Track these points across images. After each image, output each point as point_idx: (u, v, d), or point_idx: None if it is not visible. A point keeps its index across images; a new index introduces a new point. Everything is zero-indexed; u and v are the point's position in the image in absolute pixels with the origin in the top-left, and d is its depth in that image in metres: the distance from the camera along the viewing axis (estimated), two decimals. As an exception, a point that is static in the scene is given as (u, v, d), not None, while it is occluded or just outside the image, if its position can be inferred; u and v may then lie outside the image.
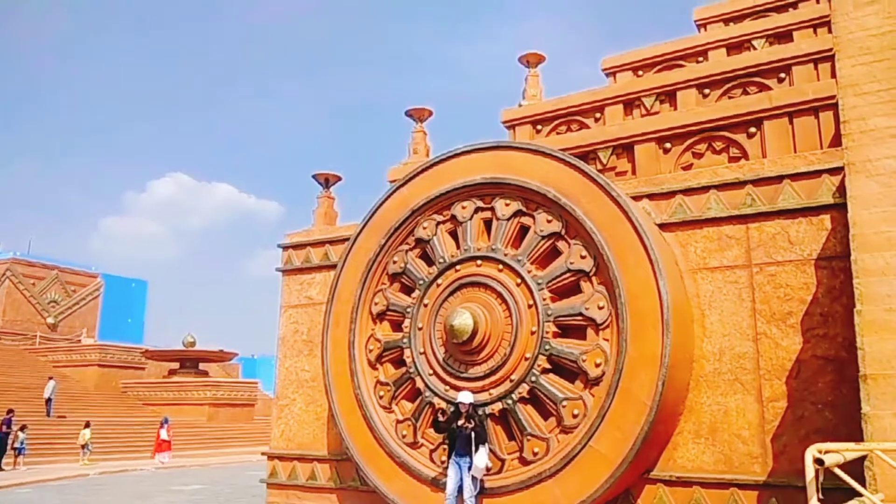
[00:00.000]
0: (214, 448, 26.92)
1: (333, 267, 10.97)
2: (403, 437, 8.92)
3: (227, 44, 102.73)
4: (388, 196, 9.90)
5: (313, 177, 12.69)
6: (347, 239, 10.69)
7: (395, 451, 8.81)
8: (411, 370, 9.03)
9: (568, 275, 8.03)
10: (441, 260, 9.09)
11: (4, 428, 18.61)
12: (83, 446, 21.46)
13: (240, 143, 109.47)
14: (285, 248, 12.07)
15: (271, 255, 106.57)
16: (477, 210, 8.99)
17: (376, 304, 9.69)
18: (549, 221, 8.26)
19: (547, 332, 7.95)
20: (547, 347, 7.90)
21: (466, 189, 9.02)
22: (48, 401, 26.36)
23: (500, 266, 8.50)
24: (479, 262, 8.72)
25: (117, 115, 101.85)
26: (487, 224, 8.96)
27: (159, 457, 21.82)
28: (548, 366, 7.94)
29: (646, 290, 7.35)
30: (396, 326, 9.55)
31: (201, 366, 35.26)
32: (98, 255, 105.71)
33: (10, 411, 20.15)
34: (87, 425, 22.38)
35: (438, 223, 9.32)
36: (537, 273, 8.25)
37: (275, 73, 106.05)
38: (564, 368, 7.90)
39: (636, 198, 8.27)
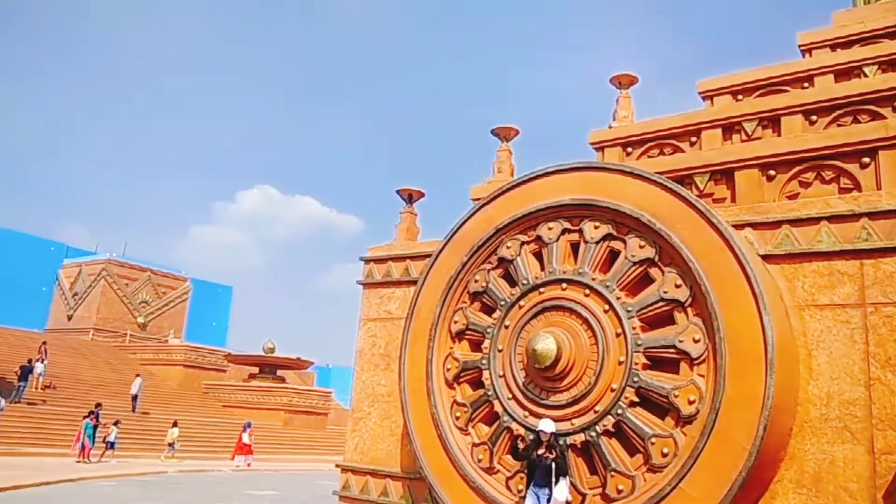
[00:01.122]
0: (288, 454, 27.40)
1: (414, 282, 10.93)
2: (479, 461, 8.69)
3: (316, 61, 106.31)
4: (472, 214, 9.77)
5: (397, 192, 12.73)
6: (429, 255, 10.62)
7: (469, 475, 8.59)
8: (489, 393, 8.80)
9: (661, 304, 7.64)
10: (524, 281, 8.86)
11: (94, 420, 19.50)
12: (170, 444, 22.31)
13: (325, 159, 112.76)
14: (367, 261, 12.13)
15: (349, 269, 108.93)
16: (564, 231, 8.72)
17: (456, 322, 9.54)
18: (641, 247, 7.90)
19: (636, 364, 7.57)
20: (636, 379, 7.51)
21: (554, 209, 8.77)
22: (134, 397, 27.56)
23: (587, 291, 8.19)
24: (564, 285, 8.44)
25: (211, 128, 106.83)
26: (574, 247, 8.67)
27: (239, 459, 22.41)
28: (636, 399, 7.55)
29: (747, 325, 6.88)
30: (475, 346, 9.37)
31: (279, 372, 36.09)
32: (187, 261, 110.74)
33: (98, 405, 21.13)
34: (175, 424, 23.28)
35: (523, 243, 9.10)
36: (627, 300, 7.89)
37: (360, 93, 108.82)
38: (654, 403, 7.49)
39: (737, 226, 7.79)
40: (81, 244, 52.70)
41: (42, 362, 26.93)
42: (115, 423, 20.74)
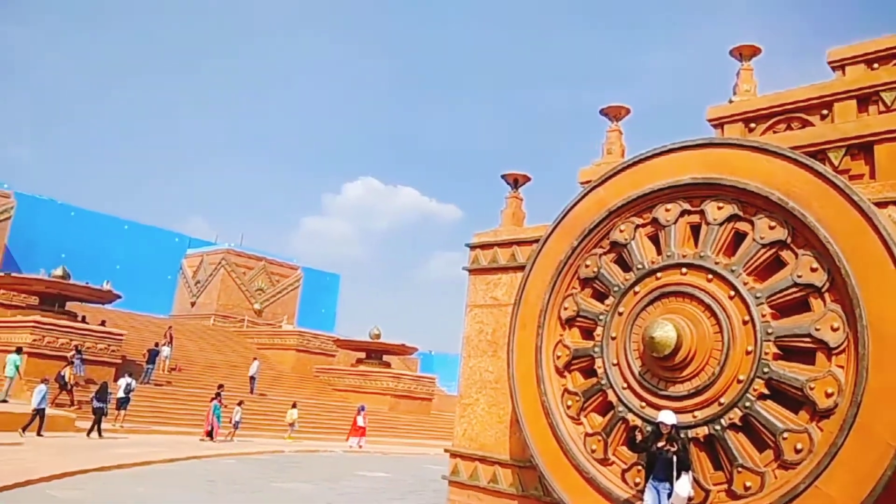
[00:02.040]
0: (393, 437, 27.98)
1: (521, 268, 10.73)
2: (592, 451, 8.42)
3: (417, 54, 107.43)
4: (583, 196, 9.44)
5: (502, 177, 12.54)
6: (536, 240, 10.39)
7: (583, 466, 8.34)
8: (602, 382, 8.50)
9: (794, 289, 7.06)
10: (639, 266, 8.46)
11: (218, 400, 20.66)
12: (290, 424, 23.42)
13: (426, 149, 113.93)
14: (472, 247, 12.05)
15: (448, 258, 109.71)
16: (683, 213, 8.24)
17: (565, 308, 9.27)
18: (771, 228, 7.33)
19: (766, 353, 7.04)
20: (766, 370, 7.00)
21: (672, 190, 8.30)
22: (252, 379, 28.98)
23: (710, 275, 7.71)
24: (684, 269, 7.98)
25: (319, 122, 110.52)
26: (695, 229, 8.18)
27: (353, 440, 23.23)
28: (765, 391, 7.04)
29: (894, 312, 6.23)
30: (587, 334, 9.07)
31: (385, 358, 36.90)
32: (298, 251, 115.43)
33: (221, 386, 22.34)
34: (294, 405, 24.40)
35: (637, 226, 8.70)
36: (755, 286, 7.35)
37: (461, 82, 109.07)
38: (786, 396, 6.96)
39: (880, 204, 7.08)
40: (202, 235, 56.06)
41: (169, 346, 28.86)
42: (239, 404, 21.93)
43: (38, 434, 16.41)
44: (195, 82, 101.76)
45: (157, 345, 27.61)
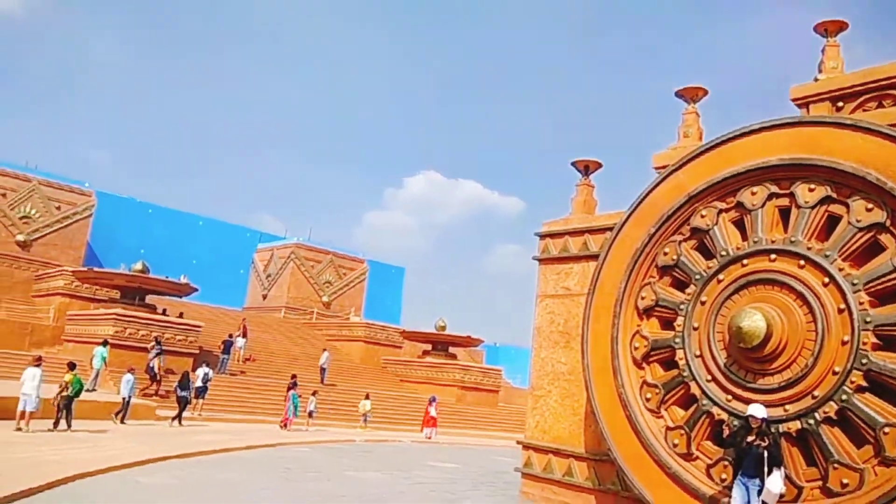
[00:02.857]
0: (461, 428, 28.00)
1: (593, 257, 10.48)
2: (675, 446, 8.14)
3: (475, 45, 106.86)
4: (659, 182, 9.11)
5: (572, 164, 12.27)
6: (609, 228, 10.11)
7: (664, 461, 8.07)
8: (685, 374, 8.20)
9: (894, 275, 6.60)
10: (723, 253, 8.11)
11: (292, 391, 21.13)
12: (363, 415, 23.79)
13: (487, 142, 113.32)
14: (542, 236, 11.84)
15: (511, 250, 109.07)
16: (770, 196, 7.85)
17: (643, 298, 8.98)
18: (868, 210, 6.88)
19: (864, 344, 6.63)
20: (864, 361, 6.58)
21: (757, 172, 7.91)
22: (322, 369, 29.53)
23: (802, 262, 7.30)
24: (772, 256, 7.60)
25: (380, 118, 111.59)
26: (783, 213, 7.78)
27: (427, 430, 23.40)
28: (863, 383, 6.63)
29: None
30: (666, 324, 8.77)
31: (450, 349, 36.97)
32: (362, 244, 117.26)
33: (294, 376, 22.83)
34: (367, 397, 24.77)
35: (720, 211, 8.33)
36: (851, 272, 6.92)
37: (523, 71, 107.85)
38: (886, 388, 6.53)
39: None
40: (272, 230, 57.51)
41: (243, 337, 29.72)
42: (313, 394, 22.39)
43: (122, 422, 17.14)
44: (261, 84, 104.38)
45: (231, 336, 28.44)
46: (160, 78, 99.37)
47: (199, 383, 20.31)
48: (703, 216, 8.41)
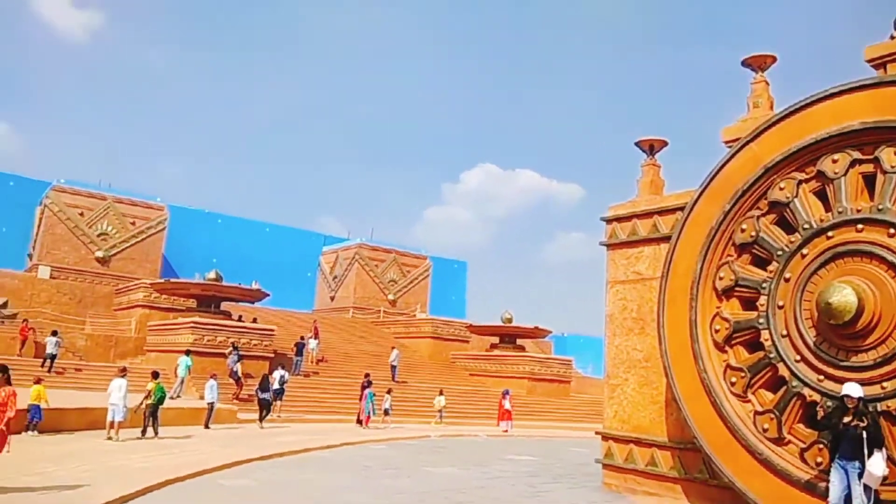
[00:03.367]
0: (534, 421, 27.76)
1: (664, 239, 10.14)
2: (764, 430, 7.78)
3: (523, 32, 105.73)
4: (732, 155, 8.72)
5: (636, 144, 11.91)
6: (679, 208, 9.77)
7: (754, 446, 7.73)
8: (771, 355, 7.83)
9: None
10: (805, 226, 7.69)
11: (368, 389, 21.40)
12: (438, 411, 23.94)
13: (543, 130, 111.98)
14: (608, 221, 11.54)
15: (573, 238, 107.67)
16: (853, 163, 7.40)
17: (721, 278, 8.63)
18: (966, 170, 6.37)
19: (969, 315, 6.14)
20: (970, 334, 6.10)
21: (838, 138, 7.47)
22: (393, 367, 29.83)
23: (892, 230, 6.85)
24: (859, 226, 7.16)
25: (433, 113, 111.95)
26: (868, 179, 7.32)
27: (503, 424, 23.37)
28: (971, 357, 6.15)
29: None
30: (747, 304, 8.39)
31: (518, 341, 36.74)
32: (423, 241, 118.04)
33: (368, 375, 23.08)
34: (441, 392, 24.90)
35: (799, 182, 7.91)
36: (950, 238, 6.43)
37: (577, 55, 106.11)
38: None
39: None
40: (335, 232, 58.57)
41: (315, 339, 30.35)
42: (388, 392, 22.65)
43: (206, 426, 17.71)
44: (316, 89, 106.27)
45: (303, 338, 29.03)
46: (219, 90, 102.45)
47: (275, 386, 20.79)
48: (781, 188, 8.00)
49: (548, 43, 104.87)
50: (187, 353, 22.53)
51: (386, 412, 22.10)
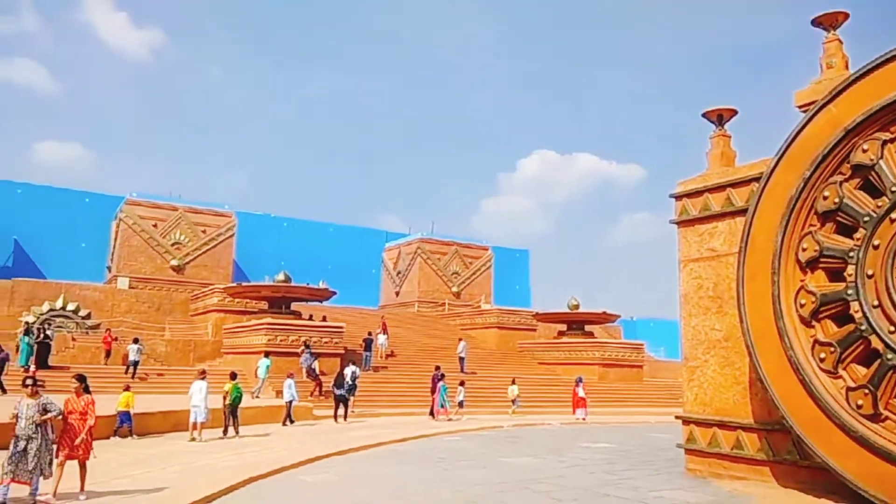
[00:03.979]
0: (606, 407, 27.31)
1: (739, 212, 9.71)
2: (858, 407, 7.35)
3: (574, 13, 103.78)
4: (809, 119, 8.25)
5: (703, 115, 11.44)
6: (754, 179, 9.34)
7: (849, 424, 7.31)
8: (862, 328, 7.38)
9: None
10: (893, 188, 7.22)
11: (441, 382, 21.48)
12: (512, 401, 23.89)
13: (600, 112, 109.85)
14: (678, 197, 11.14)
15: (636, 220, 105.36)
16: (944, 118, 6.86)
17: (804, 250, 8.19)
18: None
19: None
20: None
21: (926, 93, 6.94)
22: (461, 359, 29.89)
23: None
24: (956, 184, 6.63)
25: (484, 104, 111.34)
26: (963, 135, 6.77)
27: (580, 412, 23.11)
28: None
29: None
30: (834, 275, 7.94)
31: (586, 328, 36.22)
32: (483, 232, 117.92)
33: (438, 367, 23.16)
34: (514, 382, 24.83)
35: (884, 142, 7.42)
36: None
37: (632, 31, 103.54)
38: None
39: None
40: (396, 228, 59.18)
41: (384, 334, 30.73)
42: (461, 384, 22.68)
43: (284, 424, 18.13)
44: (368, 87, 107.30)
45: (370, 334, 29.40)
46: (276, 98, 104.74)
47: (347, 382, 21.11)
48: (864, 151, 7.52)
49: (597, 21, 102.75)
50: (266, 354, 23.19)
51: (460, 404, 22.14)
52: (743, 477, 9.32)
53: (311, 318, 28.67)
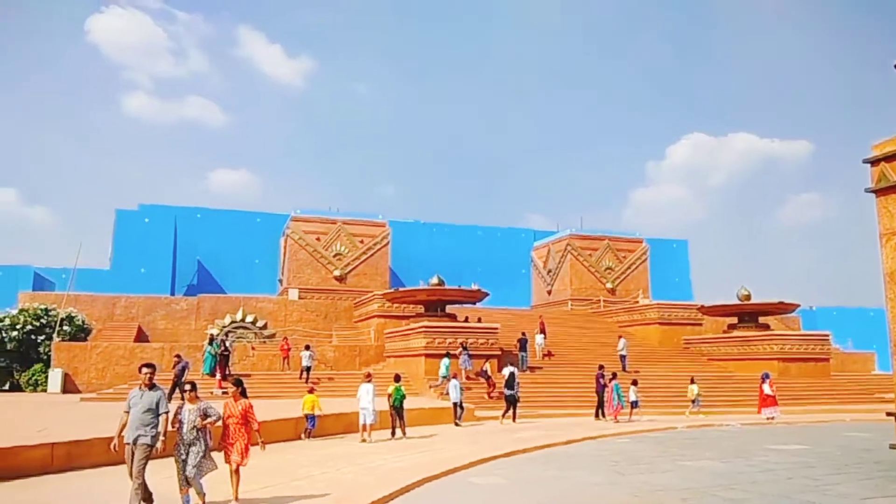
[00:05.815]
0: (790, 406, 24.87)
1: (957, 175, 8.27)
2: None
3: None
4: None
5: (898, 68, 9.95)
6: (975, 134, 7.89)
7: None
8: None
9: None
10: None
11: (614, 381, 20.61)
12: (692, 401, 22.56)
13: (752, 87, 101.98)
14: (874, 162, 9.76)
15: (806, 199, 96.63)
16: None
17: None
18: None
19: None
20: None
21: None
22: (622, 357, 28.73)
23: None
24: None
25: (631, 90, 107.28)
26: None
27: (766, 411, 21.18)
28: None
29: None
30: None
31: (760, 319, 33.45)
32: (633, 224, 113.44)
33: (602, 367, 22.20)
34: (693, 381, 23.47)
35: None
36: None
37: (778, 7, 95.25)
38: None
39: None
40: (543, 227, 58.42)
41: (542, 334, 30.26)
42: (634, 384, 21.64)
43: (456, 424, 18.27)
44: (503, 92, 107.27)
45: (524, 334, 29.02)
46: (420, 110, 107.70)
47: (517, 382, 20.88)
48: None
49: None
50: (447, 355, 23.73)
51: (634, 404, 21.10)
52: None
53: (466, 320, 28.85)
